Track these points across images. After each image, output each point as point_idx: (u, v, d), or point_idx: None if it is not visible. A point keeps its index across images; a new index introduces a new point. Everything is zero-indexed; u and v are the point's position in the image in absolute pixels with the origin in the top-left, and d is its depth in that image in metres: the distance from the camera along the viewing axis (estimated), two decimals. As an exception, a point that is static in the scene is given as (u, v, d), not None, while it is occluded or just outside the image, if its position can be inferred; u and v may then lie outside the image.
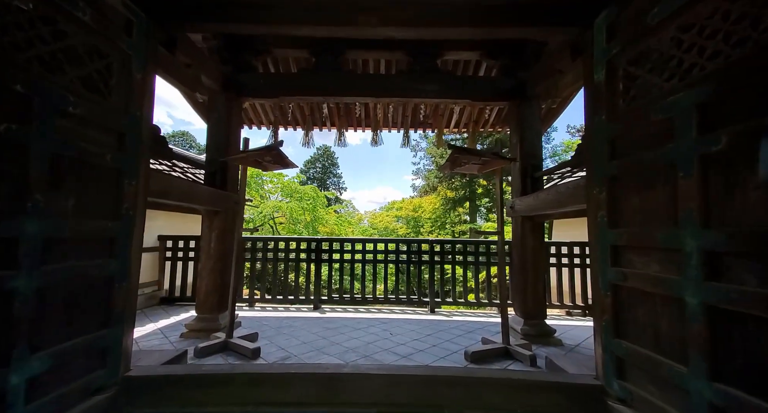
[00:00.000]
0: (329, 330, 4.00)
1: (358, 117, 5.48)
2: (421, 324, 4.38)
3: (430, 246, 5.57)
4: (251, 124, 5.39)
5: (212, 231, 3.82)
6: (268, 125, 5.36)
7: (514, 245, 4.01)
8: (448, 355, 3.21)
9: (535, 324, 3.72)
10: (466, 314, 5.31)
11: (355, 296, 5.57)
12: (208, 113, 4.02)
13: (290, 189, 12.28)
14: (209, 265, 3.80)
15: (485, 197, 18.98)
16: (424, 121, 5.74)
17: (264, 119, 5.33)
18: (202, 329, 3.70)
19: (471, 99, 4.05)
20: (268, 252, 5.60)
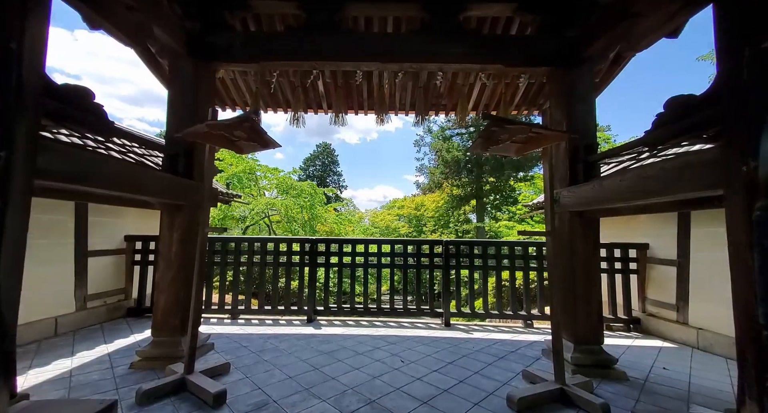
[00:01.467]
0: (324, 355, 3.16)
1: (359, 96, 4.65)
2: (438, 345, 3.55)
3: (444, 248, 4.73)
4: (226, 105, 4.55)
5: (174, 232, 2.98)
6: (248, 106, 4.50)
7: (556, 248, 3.17)
8: (483, 399, 2.37)
9: (589, 350, 2.88)
10: (487, 328, 4.48)
11: (357, 307, 4.74)
12: (170, 81, 3.18)
13: (286, 185, 11.43)
14: (169, 274, 2.96)
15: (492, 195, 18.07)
16: (438, 102, 4.90)
17: (246, 98, 4.48)
18: (158, 357, 2.87)
19: (504, 63, 3.20)
20: (255, 255, 4.77)
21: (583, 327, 2.92)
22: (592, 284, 2.91)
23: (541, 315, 4.61)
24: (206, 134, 2.47)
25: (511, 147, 2.65)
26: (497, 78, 3.80)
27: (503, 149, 2.66)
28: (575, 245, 2.93)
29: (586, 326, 2.92)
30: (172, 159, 2.97)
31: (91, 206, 4.33)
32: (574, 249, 2.93)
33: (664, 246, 4.50)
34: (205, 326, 4.21)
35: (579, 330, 2.92)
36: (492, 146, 2.52)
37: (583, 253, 2.93)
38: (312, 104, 4.77)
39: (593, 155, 2.93)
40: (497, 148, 2.59)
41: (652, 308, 4.56)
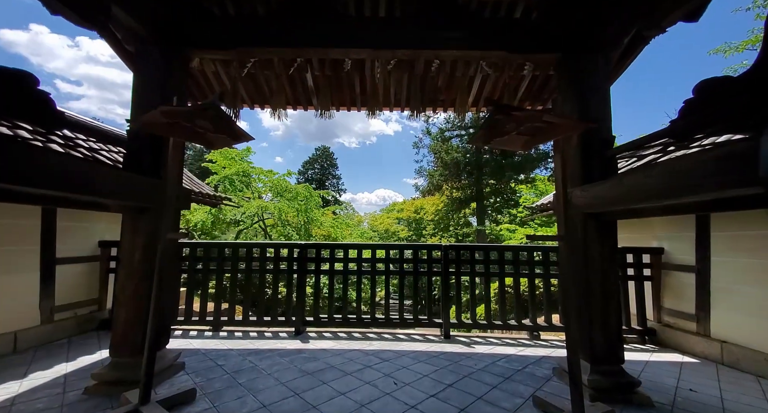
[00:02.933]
0: (308, 376, 2.81)
1: (351, 91, 4.34)
2: (437, 363, 3.19)
3: (443, 253, 4.39)
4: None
5: (137, 237, 2.64)
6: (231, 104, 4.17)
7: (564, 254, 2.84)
8: (488, 433, 2.01)
9: (608, 370, 2.53)
10: (489, 340, 4.13)
11: (349, 317, 4.39)
12: (136, 70, 2.86)
13: (281, 188, 11.09)
14: (131, 285, 2.62)
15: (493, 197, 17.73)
16: (435, 97, 4.59)
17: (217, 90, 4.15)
18: (117, 381, 2.51)
19: (507, 50, 2.89)
20: (239, 262, 4.42)
21: (601, 344, 2.57)
22: (610, 296, 2.57)
23: (548, 325, 4.25)
24: (167, 126, 2.14)
25: (517, 140, 2.32)
26: (499, 69, 3.49)
27: (508, 143, 2.33)
28: (590, 251, 2.59)
29: (603, 343, 2.57)
30: (136, 155, 2.64)
31: (60, 210, 3.99)
32: (589, 256, 2.59)
33: (681, 251, 4.16)
34: (183, 339, 3.85)
35: (596, 348, 2.57)
36: (496, 138, 2.20)
37: (599, 260, 2.58)
38: (301, 100, 4.45)
39: (610, 149, 2.60)
40: (502, 140, 2.26)
41: (669, 318, 4.21)
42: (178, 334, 4.11)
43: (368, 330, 4.44)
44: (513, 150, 2.45)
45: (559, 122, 1.97)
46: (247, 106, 4.54)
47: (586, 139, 2.62)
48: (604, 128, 2.66)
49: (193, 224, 9.17)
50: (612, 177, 2.34)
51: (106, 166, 2.39)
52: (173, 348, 3.40)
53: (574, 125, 1.98)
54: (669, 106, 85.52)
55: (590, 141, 2.61)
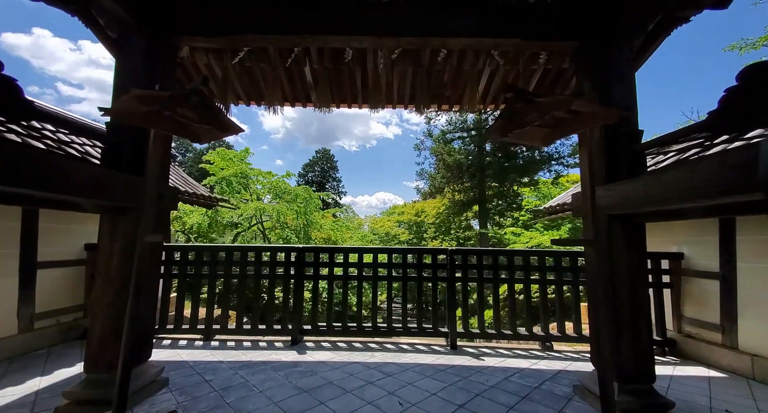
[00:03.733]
0: (303, 394, 2.55)
1: (352, 86, 4.11)
2: (444, 378, 2.93)
3: (448, 258, 4.14)
4: None
5: (115, 240, 2.40)
6: (222, 99, 3.94)
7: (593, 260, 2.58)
8: (508, 468, 1.75)
9: (637, 390, 2.27)
10: (499, 351, 3.86)
11: (349, 326, 4.12)
12: (118, 59, 2.64)
13: (280, 189, 10.85)
14: (109, 294, 2.37)
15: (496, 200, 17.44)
16: (441, 93, 4.36)
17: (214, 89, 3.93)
18: (91, 400, 2.26)
19: (522, 37, 2.67)
20: (233, 267, 4.17)
21: (630, 361, 2.31)
22: (639, 307, 2.31)
23: (561, 335, 3.99)
24: (146, 116, 1.90)
25: (538, 133, 2.09)
26: (510, 62, 3.25)
27: (527, 136, 2.10)
28: (616, 258, 2.34)
29: (633, 359, 2.31)
30: (115, 150, 2.40)
31: (43, 211, 3.76)
32: (616, 263, 2.33)
33: (703, 256, 3.90)
34: (170, 350, 3.60)
35: (624, 365, 2.31)
36: (514, 129, 1.95)
37: (626, 267, 2.33)
38: (299, 96, 4.22)
39: (638, 143, 2.36)
40: (520, 133, 2.02)
41: (691, 328, 3.94)
42: (167, 344, 3.85)
43: (370, 340, 4.18)
44: (531, 145, 2.21)
45: (590, 110, 1.72)
46: (243, 102, 4.31)
47: (611, 132, 2.38)
48: (631, 120, 2.42)
49: (189, 227, 8.93)
50: (645, 174, 2.10)
51: (76, 160, 2.15)
52: (158, 360, 3.15)
53: (605, 113, 1.74)
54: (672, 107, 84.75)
55: (616, 135, 2.37)
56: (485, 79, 3.64)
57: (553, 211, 5.62)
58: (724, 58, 77.78)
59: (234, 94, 4.13)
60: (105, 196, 2.14)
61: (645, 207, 2.07)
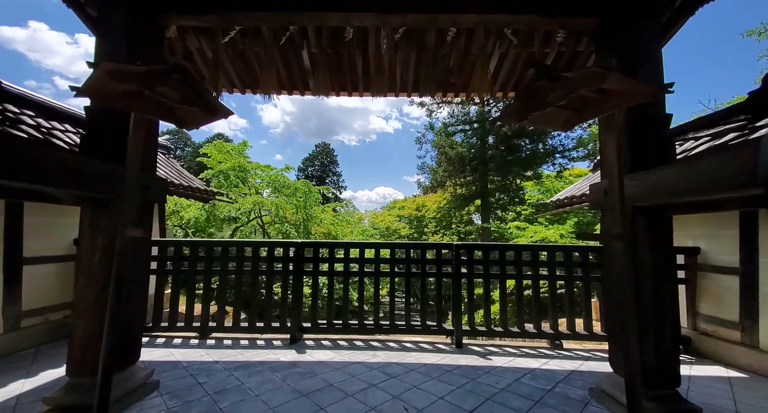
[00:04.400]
0: (302, 399, 2.39)
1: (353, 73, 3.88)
2: (451, 380, 2.77)
3: (454, 253, 3.96)
4: None
5: (98, 235, 2.22)
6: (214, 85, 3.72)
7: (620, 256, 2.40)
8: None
9: (662, 396, 2.11)
10: (506, 349, 3.71)
11: (351, 323, 3.97)
12: (98, 40, 2.42)
13: (279, 183, 10.64)
14: (92, 293, 2.20)
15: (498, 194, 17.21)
16: (446, 80, 4.13)
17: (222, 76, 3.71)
18: (73, 406, 2.10)
19: (538, 13, 2.45)
20: (230, 262, 4.01)
21: (652, 364, 2.15)
22: (666, 306, 2.14)
23: (571, 333, 3.83)
24: (124, 96, 1.70)
25: (559, 116, 1.89)
26: (522, 45, 3.03)
27: (547, 119, 1.90)
28: (642, 254, 2.15)
29: (656, 362, 2.15)
30: (96, 137, 2.20)
31: (28, 204, 3.57)
32: (639, 258, 2.15)
33: (721, 251, 3.73)
34: (164, 349, 3.44)
35: (646, 368, 2.14)
36: (535, 111, 1.76)
37: (651, 263, 2.15)
38: (296, 83, 4.00)
39: (666, 129, 2.16)
40: (540, 116, 1.82)
41: (707, 325, 3.78)
42: (160, 342, 3.70)
43: (372, 338, 4.02)
44: (552, 129, 2.02)
45: (625, 87, 1.52)
46: (237, 90, 4.10)
47: (636, 116, 2.17)
48: (658, 104, 2.22)
49: (186, 221, 8.76)
50: (677, 162, 1.91)
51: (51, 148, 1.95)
52: (150, 361, 3.01)
53: (641, 91, 1.53)
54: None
55: (642, 119, 2.17)
56: (494, 64, 3.42)
57: (561, 204, 5.44)
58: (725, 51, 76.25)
59: (228, 81, 3.91)
60: (82, 186, 1.95)
61: (677, 198, 1.87)
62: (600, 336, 3.80)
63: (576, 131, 16.67)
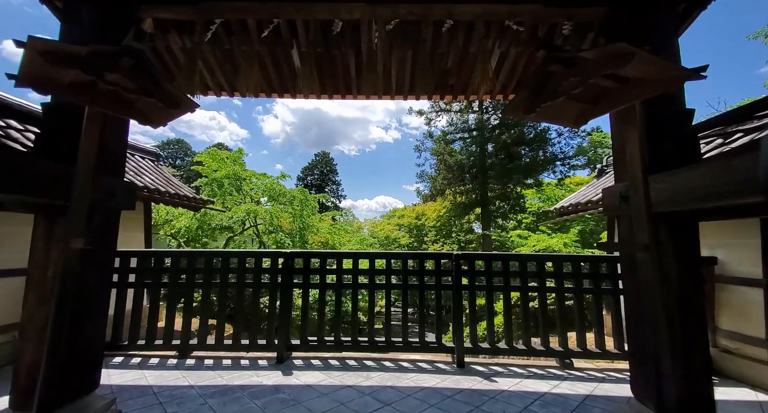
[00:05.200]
0: (282, 432, 2.09)
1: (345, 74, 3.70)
2: (453, 408, 2.47)
3: (454, 263, 3.70)
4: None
5: (51, 247, 1.97)
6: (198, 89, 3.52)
7: (627, 268, 2.15)
8: None
9: (696, 433, 1.81)
10: (512, 369, 3.41)
11: (343, 340, 3.67)
12: (64, 28, 2.22)
13: (274, 191, 10.41)
14: (42, 314, 1.93)
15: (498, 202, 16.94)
16: (443, 82, 3.94)
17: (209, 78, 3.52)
18: (13, 447, 1.81)
19: (543, 3, 2.25)
20: (213, 274, 3.74)
21: (681, 392, 1.86)
22: (696, 327, 1.87)
23: (582, 350, 3.54)
24: (73, 86, 1.48)
25: (571, 109, 1.66)
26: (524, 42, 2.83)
27: (557, 112, 1.67)
28: (666, 265, 1.90)
29: (685, 390, 1.86)
30: (51, 136, 1.97)
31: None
32: (665, 271, 1.89)
33: (741, 261, 3.47)
34: (137, 371, 3.14)
35: (673, 395, 1.86)
36: (544, 102, 1.53)
37: (676, 276, 1.89)
38: (287, 84, 3.81)
39: (688, 126, 1.93)
40: (550, 108, 1.59)
41: (728, 342, 3.49)
42: (135, 362, 3.40)
43: (365, 356, 3.72)
44: (562, 124, 1.78)
45: (652, 71, 1.30)
46: (225, 93, 3.92)
47: (653, 111, 1.95)
48: (678, 98, 2.00)
49: (176, 230, 8.48)
50: (709, 160, 1.67)
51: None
52: (118, 385, 2.72)
53: (673, 76, 1.31)
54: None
55: (660, 115, 1.94)
56: (494, 62, 3.23)
57: (565, 212, 5.20)
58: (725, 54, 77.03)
59: (215, 84, 3.74)
60: (28, 191, 1.71)
61: (707, 202, 1.63)
62: (613, 354, 3.51)
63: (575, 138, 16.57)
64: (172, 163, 38.28)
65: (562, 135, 16.37)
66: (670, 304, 1.90)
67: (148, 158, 5.66)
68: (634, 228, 1.74)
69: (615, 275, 3.60)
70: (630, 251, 1.81)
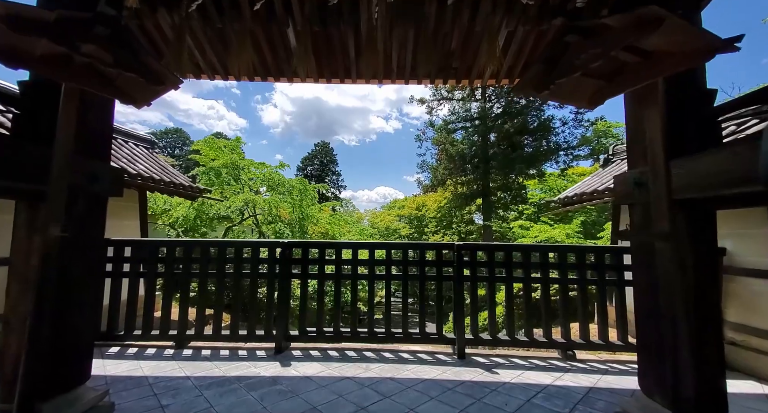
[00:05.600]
0: (279, 425, 2.04)
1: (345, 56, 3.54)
2: (454, 400, 2.42)
3: (455, 254, 3.61)
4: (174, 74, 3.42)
5: (34, 234, 1.87)
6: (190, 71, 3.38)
7: (639, 258, 2.05)
8: None
9: (707, 429, 1.75)
10: (514, 360, 3.36)
11: (342, 332, 3.62)
12: (40, 1, 2.07)
13: (273, 181, 10.27)
14: (25, 305, 1.85)
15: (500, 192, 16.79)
16: (447, 65, 3.78)
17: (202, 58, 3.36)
18: (-1, 440, 1.75)
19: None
20: (209, 264, 3.66)
21: (693, 387, 1.79)
22: (712, 319, 1.78)
23: (585, 342, 3.48)
24: (47, 60, 1.35)
25: (586, 87, 1.54)
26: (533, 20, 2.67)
27: (571, 90, 1.55)
28: (683, 256, 1.79)
29: (698, 385, 1.79)
30: (30, 117, 1.85)
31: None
32: (682, 261, 1.79)
33: (751, 251, 3.38)
34: (133, 361, 3.09)
35: (690, 389, 1.79)
36: (559, 78, 1.40)
37: (692, 267, 1.79)
38: (283, 67, 3.64)
39: (709, 106, 1.80)
40: (563, 85, 1.47)
41: (735, 334, 3.43)
42: (131, 353, 3.35)
43: (365, 346, 3.67)
44: (575, 105, 1.65)
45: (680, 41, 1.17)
46: (219, 76, 3.76)
47: (674, 91, 1.81)
48: (698, 77, 1.86)
49: (174, 220, 8.40)
50: (733, 144, 1.55)
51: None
52: (112, 376, 2.66)
53: (701, 47, 1.18)
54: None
55: (679, 94, 1.81)
56: (501, 41, 3.06)
57: (570, 202, 5.08)
58: (730, 49, 74.96)
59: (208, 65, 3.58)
60: (5, 175, 1.60)
61: (731, 189, 1.52)
62: (617, 346, 3.45)
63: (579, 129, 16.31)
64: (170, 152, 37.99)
65: (566, 124, 16.12)
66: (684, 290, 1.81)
67: (143, 146, 5.52)
68: (654, 216, 1.63)
69: (620, 266, 3.53)
70: (646, 240, 1.71)
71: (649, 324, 1.99)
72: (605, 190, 4.61)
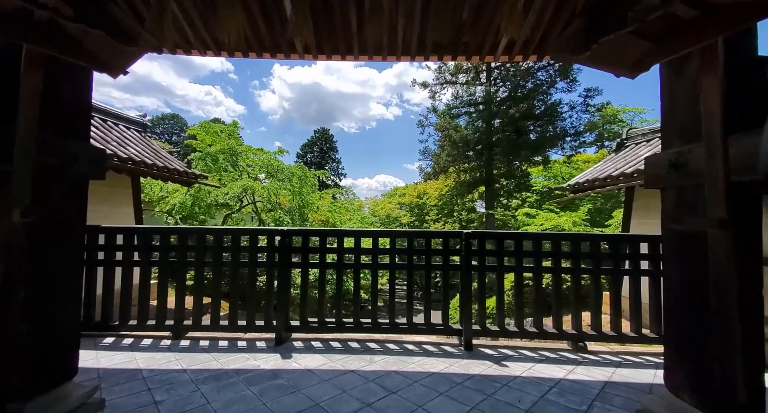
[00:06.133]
0: (279, 424, 1.91)
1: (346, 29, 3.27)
2: (463, 395, 2.30)
3: (464, 243, 3.44)
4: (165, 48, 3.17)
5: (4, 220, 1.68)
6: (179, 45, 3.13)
7: (672, 247, 1.88)
8: None
9: (743, 432, 1.61)
10: (523, 353, 3.24)
11: (345, 322, 3.50)
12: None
13: (272, 168, 10.04)
14: None
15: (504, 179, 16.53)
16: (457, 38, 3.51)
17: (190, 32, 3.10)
18: (-23, 442, 1.62)
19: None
20: (205, 252, 3.50)
21: (731, 387, 1.65)
22: (752, 312, 1.62)
23: (597, 334, 3.36)
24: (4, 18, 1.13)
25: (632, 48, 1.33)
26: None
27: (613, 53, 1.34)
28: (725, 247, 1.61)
29: (736, 384, 1.65)
30: (-8, 88, 1.63)
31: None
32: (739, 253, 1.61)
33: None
34: (128, 353, 2.98)
35: (719, 390, 1.64)
36: (601, 38, 1.19)
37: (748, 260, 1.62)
38: (279, 40, 3.37)
39: (762, 76, 1.58)
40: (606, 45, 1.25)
41: (753, 326, 3.29)
42: (126, 344, 3.24)
43: (369, 337, 3.55)
44: (614, 72, 1.43)
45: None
46: (211, 52, 3.49)
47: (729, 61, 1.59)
48: (747, 42, 1.63)
49: (171, 207, 8.23)
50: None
51: None
52: (105, 369, 2.55)
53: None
54: None
55: (738, 65, 1.58)
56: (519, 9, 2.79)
57: (581, 188, 4.88)
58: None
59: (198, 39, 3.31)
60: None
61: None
62: (630, 337, 3.33)
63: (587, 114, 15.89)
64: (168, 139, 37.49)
65: (574, 109, 15.70)
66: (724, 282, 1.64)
67: (134, 129, 5.28)
68: (708, 200, 1.44)
69: (636, 255, 3.37)
70: (695, 228, 1.53)
71: (681, 317, 1.83)
72: (620, 175, 4.41)
